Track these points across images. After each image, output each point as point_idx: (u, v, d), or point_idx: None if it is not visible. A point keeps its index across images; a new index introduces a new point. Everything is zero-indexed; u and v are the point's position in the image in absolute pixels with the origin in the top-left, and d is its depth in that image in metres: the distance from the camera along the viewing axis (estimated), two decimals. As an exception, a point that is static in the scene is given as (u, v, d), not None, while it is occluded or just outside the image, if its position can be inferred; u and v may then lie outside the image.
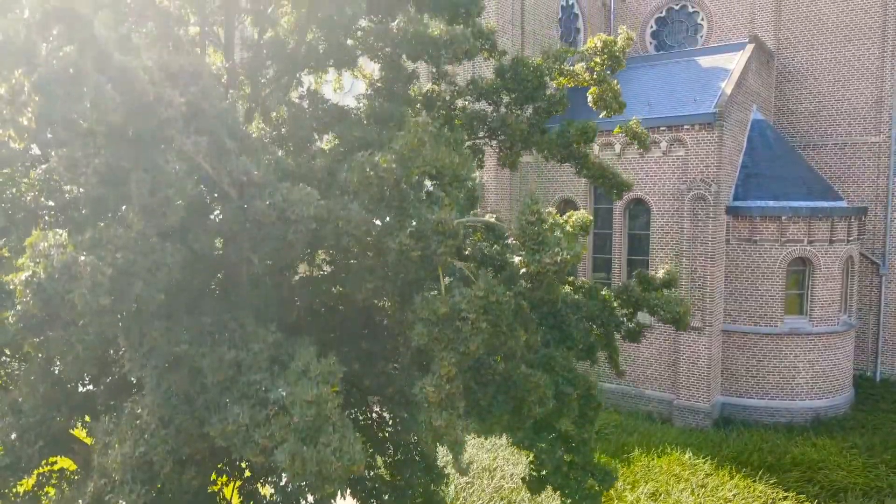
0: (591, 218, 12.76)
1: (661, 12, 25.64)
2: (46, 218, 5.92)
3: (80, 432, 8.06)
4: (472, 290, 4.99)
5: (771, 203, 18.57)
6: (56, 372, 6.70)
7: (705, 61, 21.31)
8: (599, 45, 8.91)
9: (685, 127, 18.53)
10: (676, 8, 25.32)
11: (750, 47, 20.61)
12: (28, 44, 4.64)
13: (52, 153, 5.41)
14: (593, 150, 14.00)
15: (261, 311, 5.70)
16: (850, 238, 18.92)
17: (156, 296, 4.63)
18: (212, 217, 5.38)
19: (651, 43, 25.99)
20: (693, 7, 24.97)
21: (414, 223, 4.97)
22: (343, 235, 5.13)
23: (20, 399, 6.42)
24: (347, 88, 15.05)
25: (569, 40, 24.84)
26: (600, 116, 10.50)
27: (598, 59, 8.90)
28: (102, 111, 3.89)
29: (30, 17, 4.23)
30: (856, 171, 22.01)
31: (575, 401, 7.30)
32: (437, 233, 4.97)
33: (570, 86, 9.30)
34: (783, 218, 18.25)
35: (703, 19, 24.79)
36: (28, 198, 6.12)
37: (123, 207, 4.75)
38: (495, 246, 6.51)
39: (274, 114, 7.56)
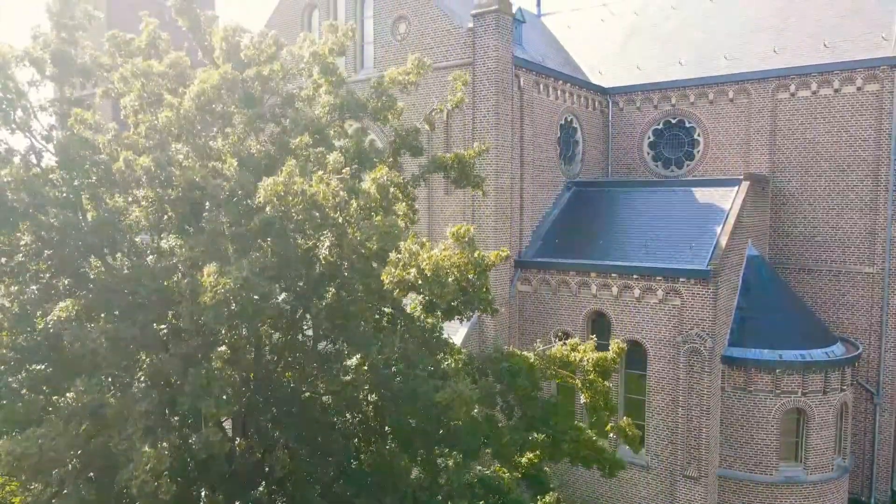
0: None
1: (659, 125, 25.95)
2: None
3: None
4: None
5: (766, 353, 18.84)
6: None
7: (702, 194, 21.63)
8: (594, 358, 9.25)
9: (681, 280, 18.85)
10: (673, 122, 25.63)
11: (745, 185, 20.94)
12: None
13: None
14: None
15: None
16: (844, 386, 19.21)
17: None
18: None
19: (648, 154, 26.29)
20: (690, 122, 25.28)
21: None
22: None
23: None
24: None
25: (567, 154, 25.16)
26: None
27: (589, 360, 9.22)
28: None
29: None
30: (850, 299, 22.28)
31: None
32: None
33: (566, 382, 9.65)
34: (777, 371, 18.55)
35: (699, 135, 25.09)
36: None
37: None
38: None
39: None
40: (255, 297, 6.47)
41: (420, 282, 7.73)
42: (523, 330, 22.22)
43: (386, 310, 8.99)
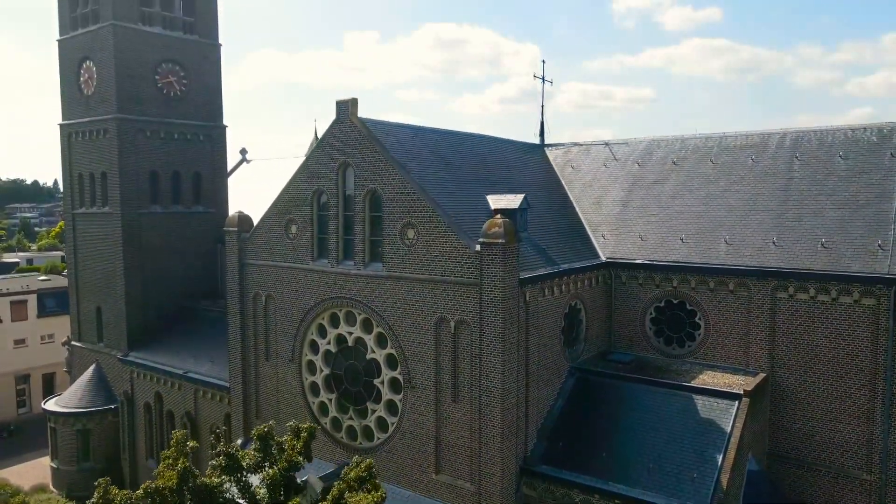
0: None
1: (661, 303, 26.47)
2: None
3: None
4: None
5: (766, 590, 19.36)
6: None
7: (703, 406, 22.10)
8: None
9: (683, 520, 19.34)
10: (675, 302, 26.15)
11: (745, 403, 21.42)
12: None
13: None
14: None
15: None
16: None
17: None
18: None
19: (651, 329, 26.81)
20: (691, 305, 25.79)
21: None
22: None
23: None
24: None
25: (570, 337, 25.64)
26: None
27: None
28: None
29: None
30: (848, 502, 22.77)
31: None
32: None
33: None
34: None
35: (700, 319, 25.61)
36: None
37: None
38: None
39: None
40: None
41: None
42: (529, 533, 22.71)
43: None
